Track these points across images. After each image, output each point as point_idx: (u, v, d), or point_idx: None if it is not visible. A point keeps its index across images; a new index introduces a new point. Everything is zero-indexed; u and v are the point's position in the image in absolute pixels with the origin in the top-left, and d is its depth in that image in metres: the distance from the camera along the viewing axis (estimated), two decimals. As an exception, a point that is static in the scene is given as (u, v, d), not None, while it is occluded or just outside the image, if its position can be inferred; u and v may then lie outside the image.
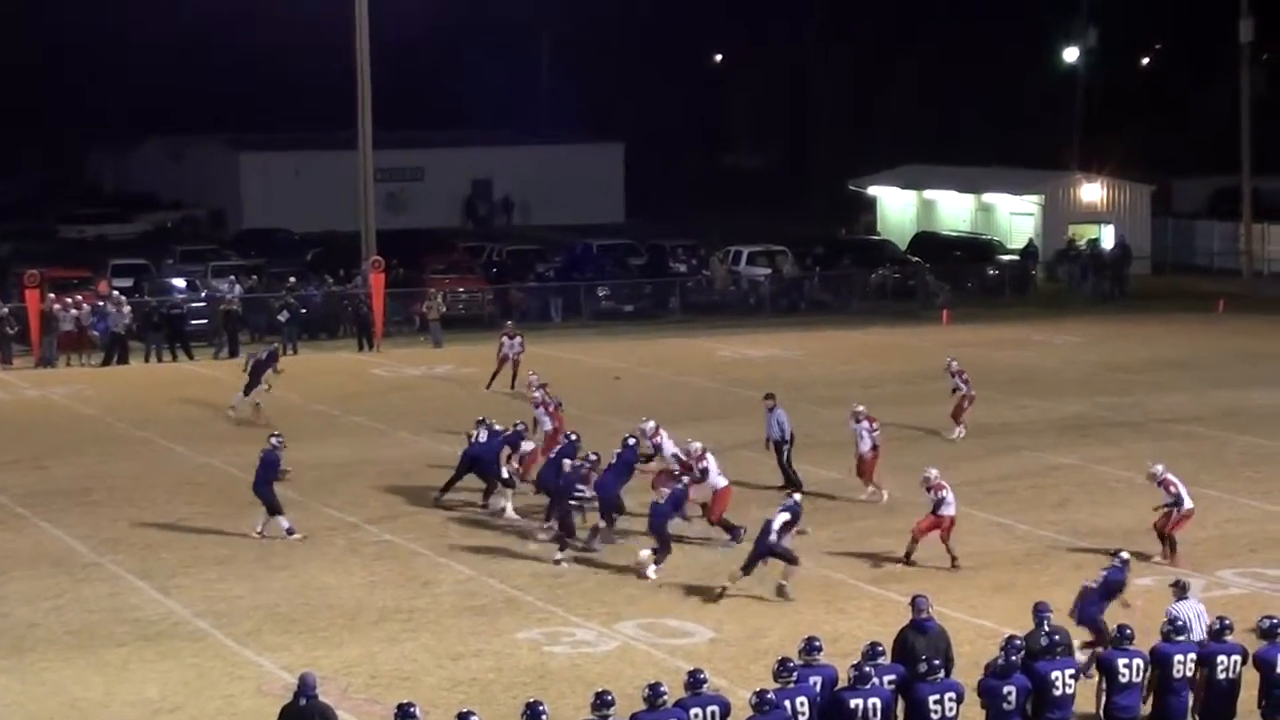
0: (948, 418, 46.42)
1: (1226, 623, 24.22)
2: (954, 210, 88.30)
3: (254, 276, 68.46)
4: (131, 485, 41.58)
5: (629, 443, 36.96)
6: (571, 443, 37.08)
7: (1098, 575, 28.09)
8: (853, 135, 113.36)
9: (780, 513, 32.15)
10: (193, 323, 62.92)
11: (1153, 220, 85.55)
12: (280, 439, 36.72)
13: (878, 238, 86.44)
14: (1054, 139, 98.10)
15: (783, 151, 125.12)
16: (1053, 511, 38.06)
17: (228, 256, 77.14)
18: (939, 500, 33.87)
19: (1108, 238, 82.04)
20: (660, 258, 76.68)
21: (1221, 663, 23.74)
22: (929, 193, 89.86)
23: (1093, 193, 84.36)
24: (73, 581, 33.75)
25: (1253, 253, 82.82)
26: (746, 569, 31.96)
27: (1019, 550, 35.11)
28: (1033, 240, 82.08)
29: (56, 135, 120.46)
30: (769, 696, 22.01)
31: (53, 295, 61.09)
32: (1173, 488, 34.13)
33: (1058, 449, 44.88)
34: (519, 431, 38.95)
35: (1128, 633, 23.87)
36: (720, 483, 35.58)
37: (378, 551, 35.69)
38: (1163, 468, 34.64)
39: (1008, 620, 28.60)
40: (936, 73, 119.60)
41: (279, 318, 62.29)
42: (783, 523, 31.93)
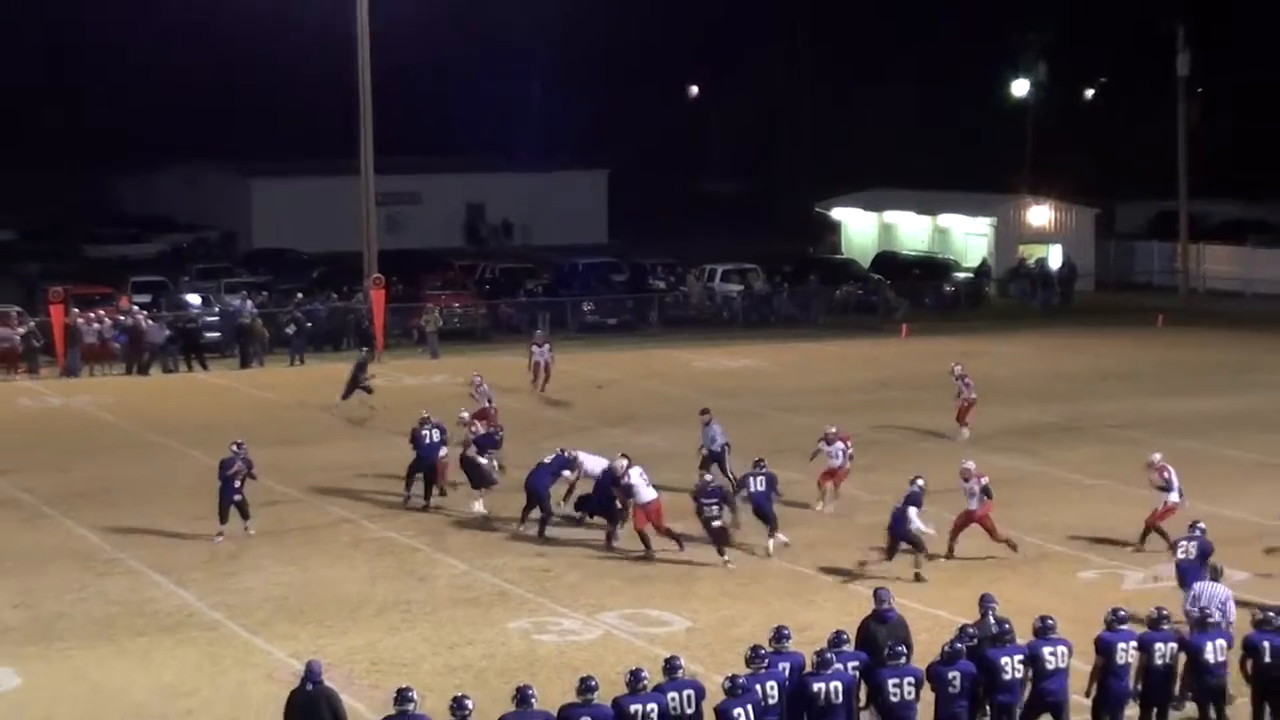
0: (952, 421, 46.79)
1: (1164, 612, 24.27)
2: (913, 231, 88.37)
3: (264, 293, 68.41)
4: (150, 487, 41.56)
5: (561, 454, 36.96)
6: (562, 456, 37.02)
7: (1185, 548, 29.04)
8: (819, 162, 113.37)
9: (909, 506, 32.94)
10: (207, 335, 62.84)
11: (1097, 241, 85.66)
12: (240, 444, 36.60)
13: (842, 257, 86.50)
14: (1006, 165, 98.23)
15: (754, 177, 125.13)
16: (1003, 510, 38.01)
17: (239, 274, 77.11)
18: (982, 490, 33.93)
19: (1055, 257, 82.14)
20: (641, 275, 76.68)
21: (1158, 650, 23.79)
22: (889, 215, 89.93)
23: (1041, 215, 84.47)
24: (95, 576, 33.74)
25: (1189, 271, 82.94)
26: (889, 555, 33.09)
27: (971, 546, 35.10)
28: (986, 259, 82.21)
29: (82, 163, 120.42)
30: (740, 681, 22.09)
31: (76, 310, 61.09)
32: (1165, 473, 34.24)
33: (1008, 452, 44.90)
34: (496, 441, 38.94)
35: (1049, 623, 23.94)
36: (647, 496, 34.54)
37: (378, 547, 35.70)
38: (1160, 456, 34.77)
39: (961, 611, 28.62)
40: (897, 104, 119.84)
41: (287, 330, 62.32)
42: (915, 513, 32.85)
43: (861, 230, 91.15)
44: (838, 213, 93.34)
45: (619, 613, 30.99)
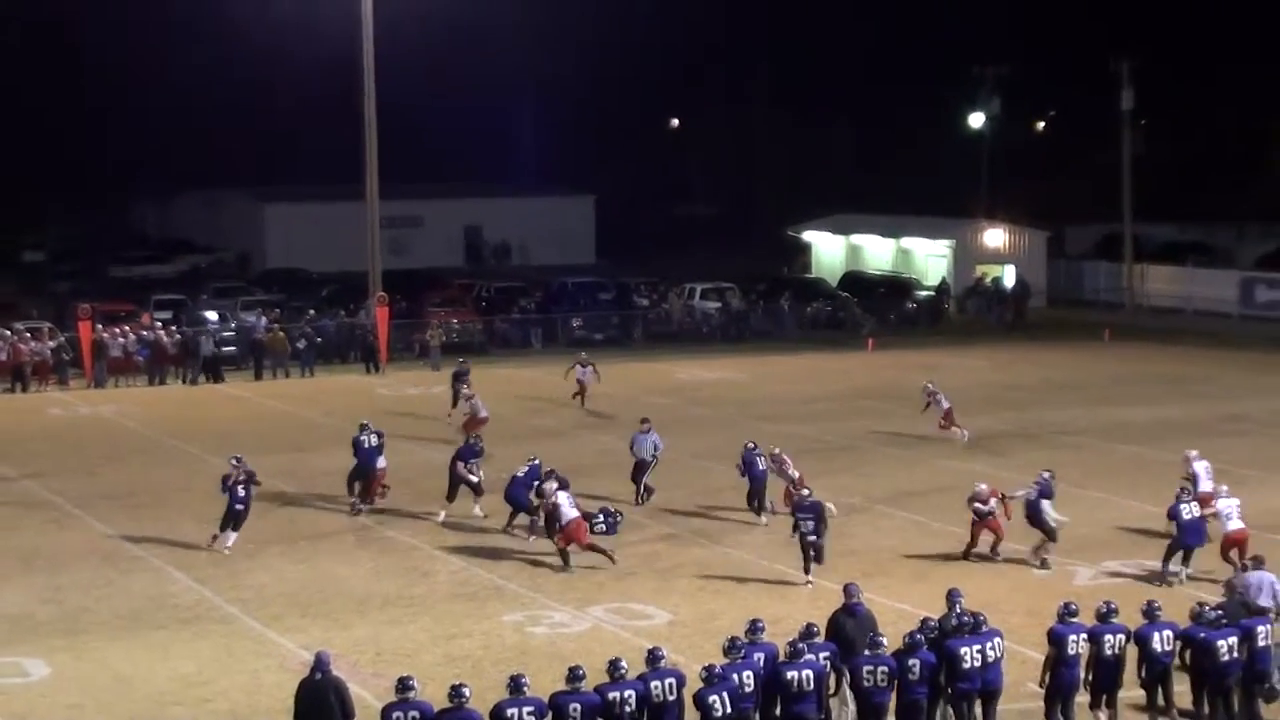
0: (941, 431, 46.81)
1: (1112, 606, 24.23)
2: (878, 253, 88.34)
3: (276, 310, 68.26)
4: (171, 490, 41.47)
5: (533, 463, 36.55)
6: (536, 467, 36.62)
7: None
8: (791, 188, 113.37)
9: (1042, 498, 33.27)
10: (223, 350, 62.69)
11: (1048, 261, 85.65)
12: (239, 458, 36.19)
13: (812, 276, 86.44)
14: (963, 192, 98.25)
15: (731, 202, 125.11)
16: (963, 512, 37.95)
17: (254, 293, 76.90)
18: (988, 510, 33.24)
19: (1009, 276, 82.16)
20: (626, 293, 76.64)
21: (1108, 641, 23.77)
22: (856, 237, 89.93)
23: (996, 238, 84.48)
24: (119, 573, 33.65)
25: (1134, 289, 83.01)
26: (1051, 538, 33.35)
27: (934, 545, 35.12)
28: (945, 278, 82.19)
29: (107, 189, 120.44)
30: (717, 671, 22.10)
31: (102, 326, 61.01)
32: (1192, 467, 34.57)
33: (966, 457, 44.90)
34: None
35: (980, 618, 23.90)
36: (569, 516, 33.43)
37: (382, 546, 35.62)
38: (1196, 453, 34.95)
39: (925, 604, 28.60)
40: (863, 135, 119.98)
41: (297, 345, 62.21)
42: (1048, 504, 33.21)
43: (830, 252, 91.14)
44: (808, 235, 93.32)
45: (606, 606, 30.93)
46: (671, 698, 22.02)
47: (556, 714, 21.45)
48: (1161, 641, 23.97)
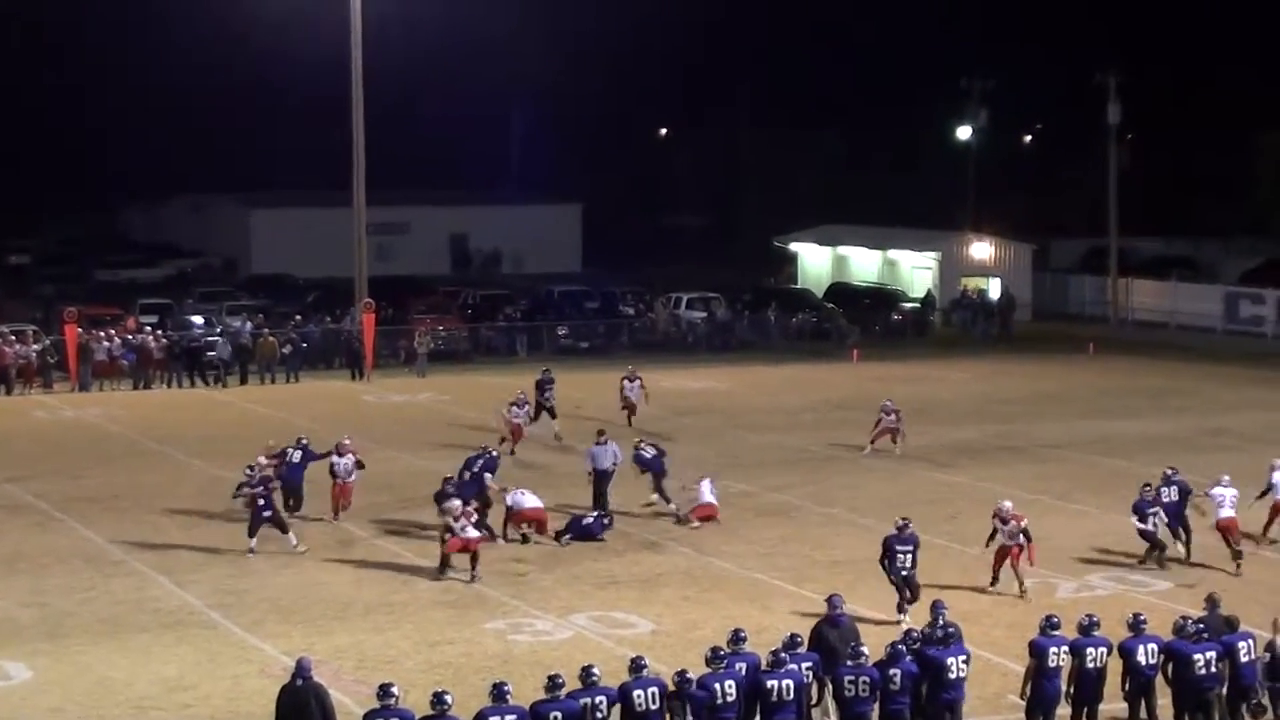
0: (871, 441, 46.89)
1: (1094, 619, 24.21)
2: (864, 264, 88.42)
3: (261, 315, 68.23)
4: (155, 494, 41.37)
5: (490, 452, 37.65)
6: (493, 457, 37.49)
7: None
8: (778, 198, 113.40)
9: (1150, 514, 34.02)
10: (209, 354, 62.59)
11: (1034, 274, 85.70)
12: (252, 468, 36.27)
13: (798, 287, 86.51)
14: (950, 204, 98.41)
15: (718, 212, 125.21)
16: (947, 523, 38.05)
17: (239, 298, 76.91)
18: (1022, 531, 31.69)
19: (995, 289, 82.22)
20: (612, 302, 76.71)
21: (1090, 654, 23.74)
22: (842, 249, 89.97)
23: (982, 250, 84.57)
24: (103, 576, 33.59)
25: (1118, 303, 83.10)
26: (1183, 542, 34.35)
27: (918, 556, 35.07)
28: (931, 290, 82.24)
29: (95, 193, 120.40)
30: (689, 676, 22.34)
31: (87, 329, 60.94)
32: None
33: (951, 469, 44.93)
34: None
35: (951, 630, 23.93)
36: (471, 534, 33.40)
37: (364, 553, 35.56)
38: (1228, 479, 34.83)
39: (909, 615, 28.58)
40: (850, 146, 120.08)
41: (283, 350, 62.16)
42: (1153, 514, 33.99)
43: (816, 262, 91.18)
44: (794, 246, 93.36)
45: (588, 614, 30.91)
46: (654, 706, 22.00)
47: (537, 722, 21.46)
48: (1146, 655, 23.95)
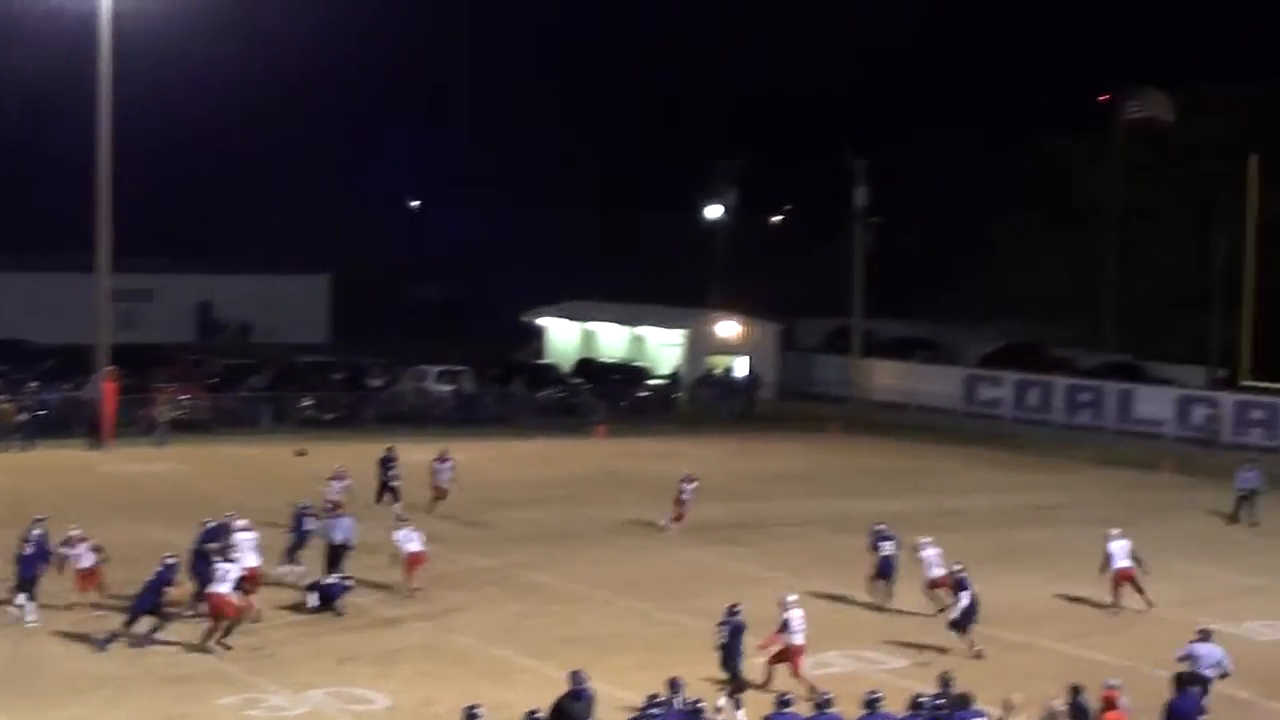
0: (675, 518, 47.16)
1: (827, 695, 24.42)
2: (612, 340, 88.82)
3: (-3, 381, 66.74)
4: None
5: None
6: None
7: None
8: (528, 273, 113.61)
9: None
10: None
11: (779, 353, 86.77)
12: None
13: (546, 362, 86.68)
14: (699, 282, 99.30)
15: (469, 285, 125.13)
16: (690, 600, 38.19)
17: (-26, 363, 75.09)
18: (784, 621, 31.19)
19: (741, 367, 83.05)
20: (359, 374, 76.17)
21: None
22: (590, 324, 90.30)
23: (729, 329, 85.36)
24: None
25: (861, 383, 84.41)
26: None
27: (658, 634, 35.20)
28: (677, 368, 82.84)
29: None
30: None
31: None
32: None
33: (695, 546, 45.15)
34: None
35: (786, 697, 24.21)
36: (222, 589, 33.42)
37: (99, 626, 34.76)
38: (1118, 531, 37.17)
39: (650, 691, 28.56)
40: (601, 224, 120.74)
41: (18, 418, 60.83)
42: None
43: (564, 338, 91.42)
44: (543, 321, 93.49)
45: (325, 690, 30.56)
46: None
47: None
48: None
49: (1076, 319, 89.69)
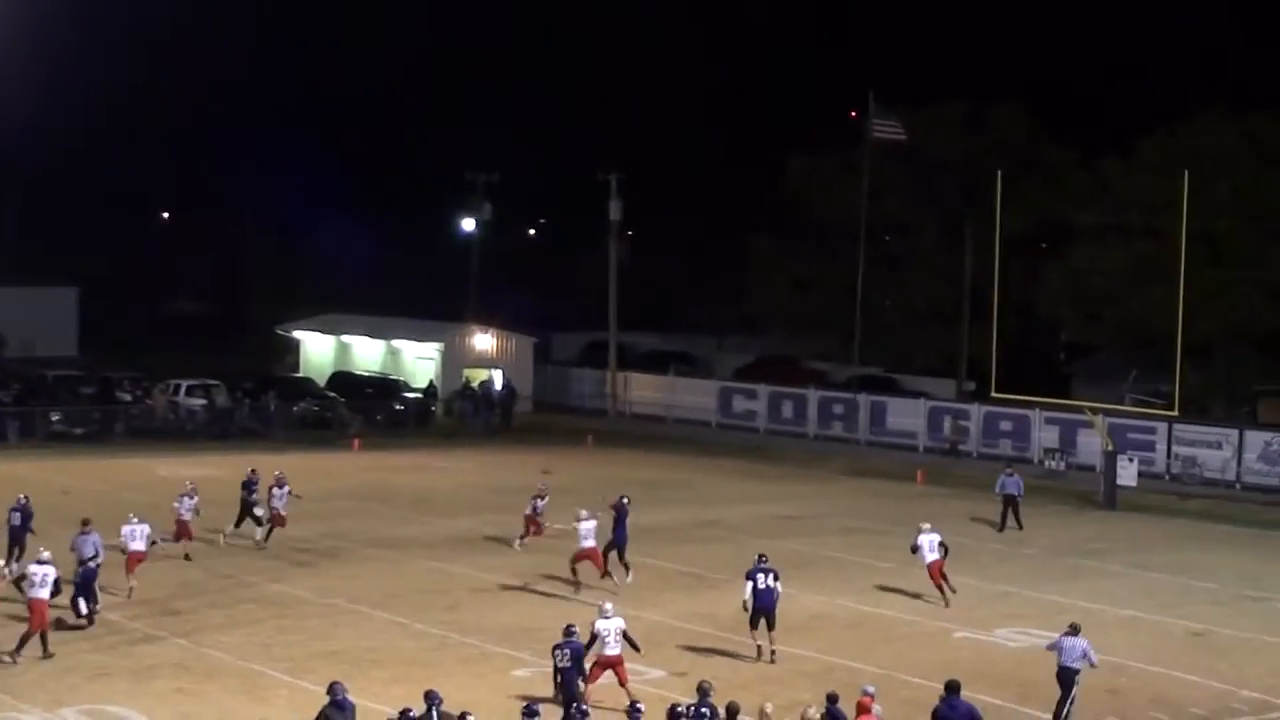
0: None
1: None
2: (367, 353, 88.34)
3: None
4: None
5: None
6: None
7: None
8: (282, 286, 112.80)
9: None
10: None
11: (535, 366, 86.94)
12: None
13: (300, 375, 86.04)
14: (455, 296, 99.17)
15: (222, 299, 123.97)
16: (445, 613, 38.24)
17: None
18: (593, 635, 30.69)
19: (497, 380, 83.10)
20: (109, 388, 75.00)
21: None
22: (346, 337, 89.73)
23: (485, 342, 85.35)
24: None
25: (617, 396, 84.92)
26: None
27: (415, 646, 35.17)
28: (433, 381, 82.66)
29: None
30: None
31: None
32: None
33: (451, 559, 45.17)
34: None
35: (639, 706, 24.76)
36: (40, 594, 33.44)
37: None
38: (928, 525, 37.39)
39: (405, 703, 28.57)
40: (357, 235, 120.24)
41: None
42: None
43: (320, 351, 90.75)
44: (298, 334, 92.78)
45: (78, 708, 30.15)
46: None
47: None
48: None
49: (830, 333, 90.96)
